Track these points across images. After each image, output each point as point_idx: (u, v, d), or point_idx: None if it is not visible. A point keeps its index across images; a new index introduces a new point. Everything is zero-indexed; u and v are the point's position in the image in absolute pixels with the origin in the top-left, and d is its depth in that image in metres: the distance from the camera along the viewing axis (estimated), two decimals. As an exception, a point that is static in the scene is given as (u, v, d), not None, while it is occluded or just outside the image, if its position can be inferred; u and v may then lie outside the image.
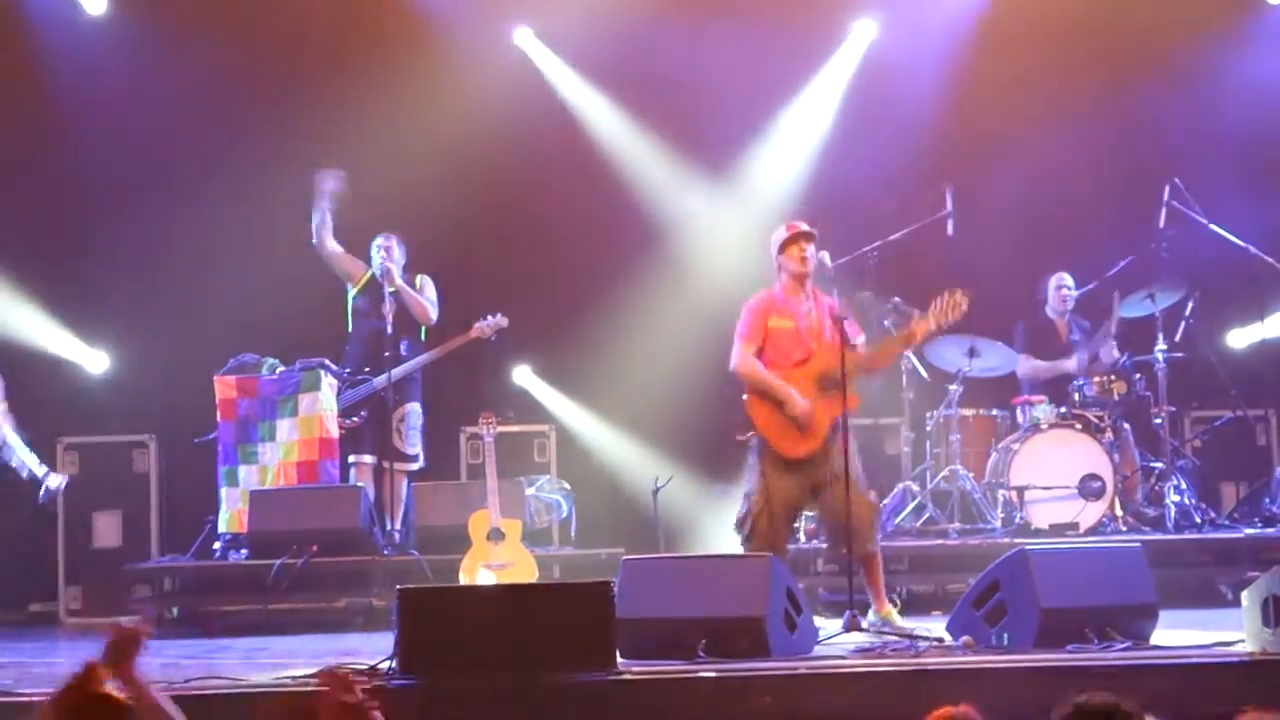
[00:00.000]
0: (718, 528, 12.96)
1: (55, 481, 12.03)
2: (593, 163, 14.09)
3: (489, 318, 12.59)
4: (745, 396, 10.12)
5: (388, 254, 12.51)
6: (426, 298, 12.64)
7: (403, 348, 12.47)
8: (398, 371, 12.34)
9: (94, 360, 13.72)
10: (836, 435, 9.86)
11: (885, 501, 12.53)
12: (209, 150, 13.60)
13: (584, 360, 13.80)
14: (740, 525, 10.05)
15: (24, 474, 11.81)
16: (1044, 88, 13.96)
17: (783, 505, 10.00)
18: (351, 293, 12.75)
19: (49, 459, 13.04)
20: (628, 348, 13.82)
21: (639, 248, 13.99)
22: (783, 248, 10.14)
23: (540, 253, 14.16)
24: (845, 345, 9.74)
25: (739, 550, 9.99)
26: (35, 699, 7.49)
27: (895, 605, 10.19)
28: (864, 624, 9.61)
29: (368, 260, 12.66)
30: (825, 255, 10.16)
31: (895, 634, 9.50)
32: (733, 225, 13.97)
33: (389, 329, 12.24)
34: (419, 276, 12.71)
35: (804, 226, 10.23)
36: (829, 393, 9.88)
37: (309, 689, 4.59)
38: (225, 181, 13.37)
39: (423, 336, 12.69)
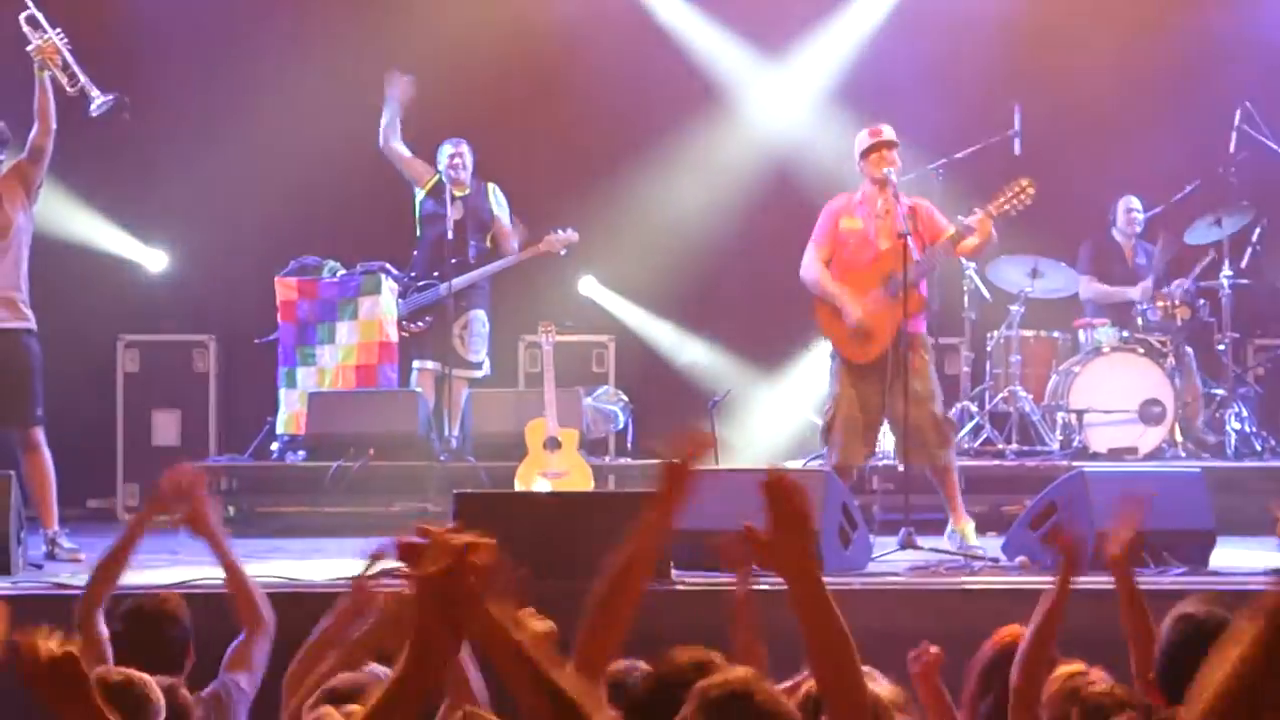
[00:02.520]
0: (776, 441, 12.99)
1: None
2: (652, 55, 13.88)
3: (560, 231, 12.53)
4: (814, 303, 10.15)
5: (460, 161, 12.46)
6: (501, 207, 12.58)
7: (470, 253, 12.44)
8: (459, 281, 12.32)
9: (153, 259, 13.73)
10: (911, 344, 9.88)
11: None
12: (273, 49, 13.54)
13: (646, 265, 13.70)
14: (823, 434, 10.10)
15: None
16: (1116, 4, 13.80)
17: (858, 412, 10.02)
18: (419, 196, 12.68)
19: (109, 355, 13.10)
20: (688, 251, 13.68)
21: (701, 145, 13.84)
22: (865, 154, 10.12)
23: (602, 158, 14.04)
24: (907, 253, 9.70)
25: (804, 462, 10.02)
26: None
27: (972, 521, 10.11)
28: (919, 542, 9.60)
29: (435, 163, 12.60)
30: (894, 156, 10.13)
31: (950, 553, 9.49)
32: (793, 121, 13.82)
33: (450, 234, 12.23)
34: (489, 185, 12.65)
35: (887, 134, 10.19)
36: (896, 295, 9.86)
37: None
38: (291, 81, 13.31)
39: (487, 243, 12.65)
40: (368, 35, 13.48)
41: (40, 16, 10.21)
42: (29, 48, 10.10)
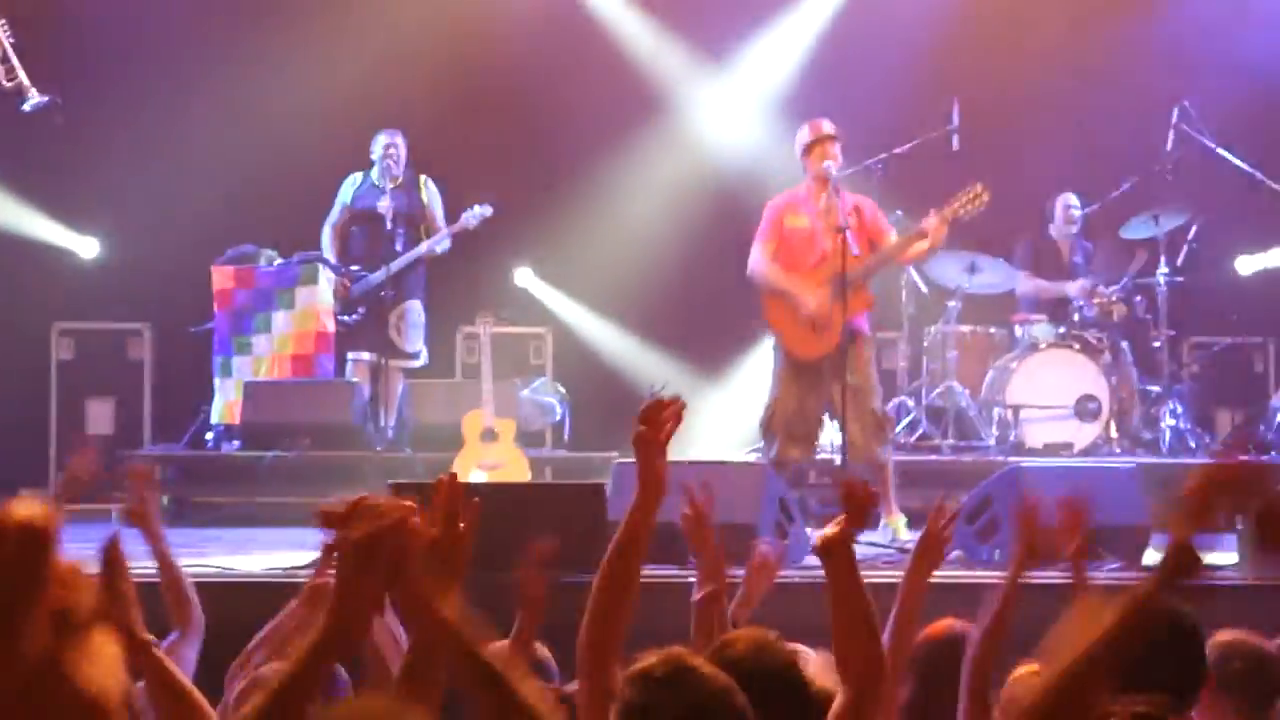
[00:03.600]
0: (713, 434, 12.98)
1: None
2: (594, 57, 13.93)
3: (474, 208, 12.46)
4: (761, 299, 10.16)
5: (394, 151, 12.40)
6: (432, 198, 12.52)
7: (400, 244, 12.38)
8: (395, 265, 12.26)
9: (84, 246, 13.62)
10: (854, 341, 9.93)
11: (879, 415, 12.54)
12: (209, 35, 13.48)
13: (585, 262, 13.73)
14: (762, 428, 10.11)
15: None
16: (1056, 0, 13.87)
17: (798, 408, 10.05)
18: (351, 189, 12.62)
19: (43, 344, 13.01)
20: (629, 248, 13.72)
21: (642, 146, 13.87)
22: (807, 149, 10.13)
23: (543, 152, 14.05)
24: (845, 248, 9.73)
25: (739, 456, 10.03)
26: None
27: (904, 518, 10.17)
28: (859, 537, 9.60)
29: (369, 153, 12.53)
30: (835, 150, 10.17)
31: (884, 546, 9.51)
32: (736, 123, 13.86)
33: (387, 225, 12.20)
34: (421, 177, 12.61)
35: (828, 129, 10.21)
36: (840, 299, 9.87)
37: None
38: (228, 67, 13.24)
39: (420, 234, 12.61)
40: (305, 21, 13.41)
41: None
42: None
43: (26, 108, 10.28)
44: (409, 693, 3.12)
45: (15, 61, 10.11)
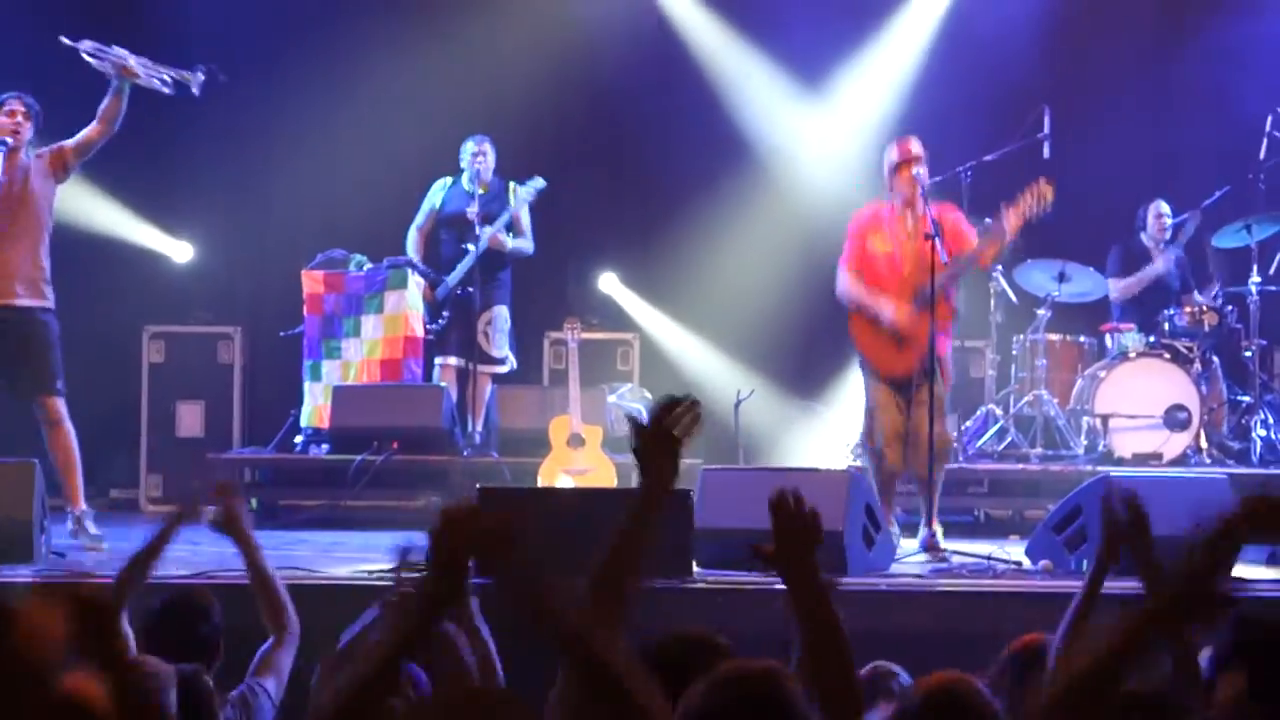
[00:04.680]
0: (798, 442, 12.97)
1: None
2: (687, 73, 13.99)
3: (526, 182, 12.39)
4: (849, 318, 10.18)
5: (483, 158, 12.41)
6: (520, 204, 12.50)
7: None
8: (454, 275, 12.25)
9: (178, 250, 13.74)
10: (940, 361, 9.97)
11: (967, 424, 12.50)
12: (304, 44, 13.55)
13: (671, 270, 13.76)
14: (864, 441, 10.19)
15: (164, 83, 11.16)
16: (1146, 10, 13.78)
17: (898, 419, 10.03)
18: (440, 195, 12.64)
19: (135, 347, 13.12)
20: (716, 259, 13.77)
21: (730, 159, 13.91)
22: (896, 169, 10.10)
23: (630, 161, 14.09)
24: (934, 256, 9.69)
25: (829, 464, 10.03)
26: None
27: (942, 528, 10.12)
28: (941, 545, 9.59)
29: (458, 159, 12.56)
30: (922, 170, 10.14)
31: (973, 555, 9.48)
32: (824, 140, 13.88)
33: (476, 229, 12.22)
34: (510, 183, 12.61)
35: (915, 149, 10.17)
36: (927, 309, 9.84)
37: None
38: (321, 75, 13.33)
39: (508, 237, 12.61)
40: (400, 29, 13.49)
41: (93, 45, 10.18)
42: (101, 67, 10.07)
43: (196, 92, 10.39)
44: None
45: (160, 72, 10.22)
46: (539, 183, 12.32)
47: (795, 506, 3.64)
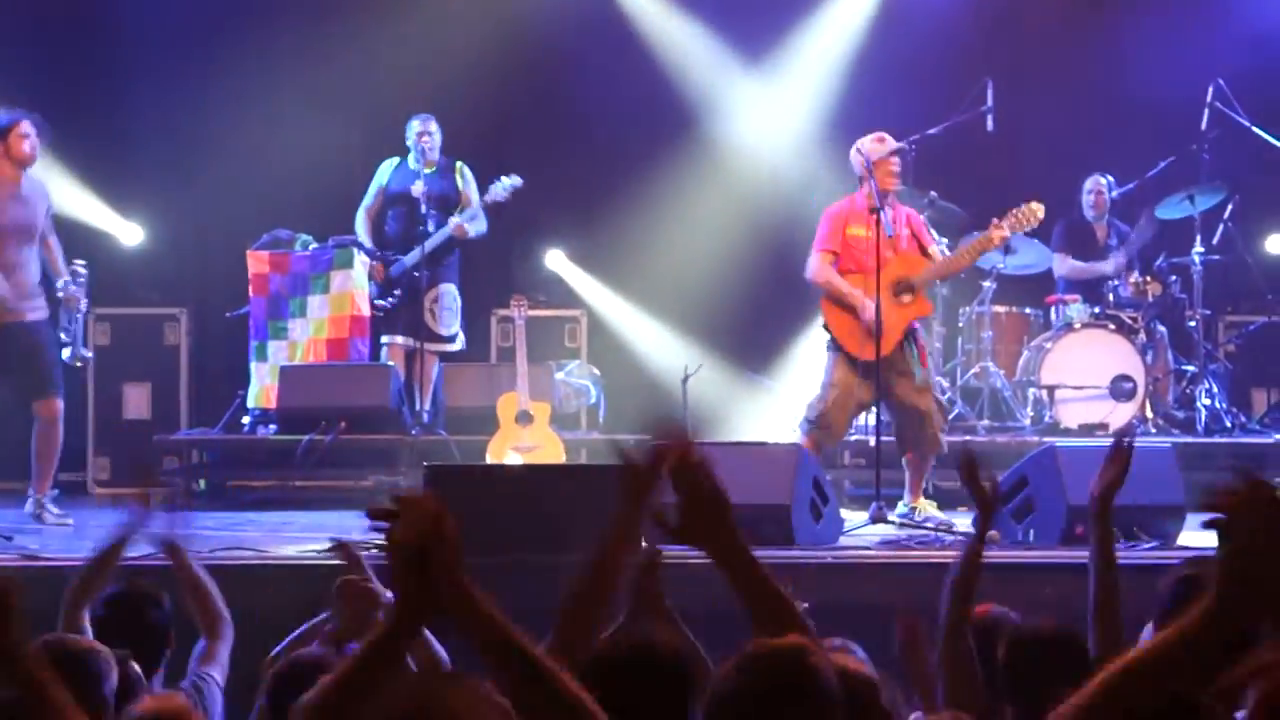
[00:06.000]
0: (746, 417, 12.99)
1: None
2: (631, 48, 13.94)
3: (502, 179, 12.39)
4: (822, 303, 10.34)
5: (428, 138, 12.38)
6: (468, 183, 12.49)
7: (435, 228, 12.35)
8: (412, 256, 12.25)
9: (128, 232, 13.66)
10: (908, 340, 10.15)
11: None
12: (252, 26, 13.51)
13: (617, 246, 13.73)
14: (812, 413, 10.15)
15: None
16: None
17: (855, 403, 10.24)
18: (386, 174, 12.62)
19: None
20: (662, 234, 13.74)
21: (675, 134, 13.88)
22: (878, 164, 10.20)
23: (576, 138, 14.06)
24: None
25: (777, 438, 10.08)
26: (61, 564, 7.57)
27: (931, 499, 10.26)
28: (890, 517, 9.64)
29: (403, 138, 12.53)
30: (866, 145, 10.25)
31: (920, 527, 9.52)
32: (768, 115, 13.87)
33: (421, 208, 12.20)
34: (457, 162, 12.58)
35: (892, 143, 10.34)
36: (901, 298, 10.04)
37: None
38: (268, 56, 13.28)
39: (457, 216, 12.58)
40: (342, 10, 13.44)
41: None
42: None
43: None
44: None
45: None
46: (515, 180, 12.31)
47: (689, 464, 3.49)
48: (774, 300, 13.03)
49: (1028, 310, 12.90)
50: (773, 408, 12.91)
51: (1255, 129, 12.66)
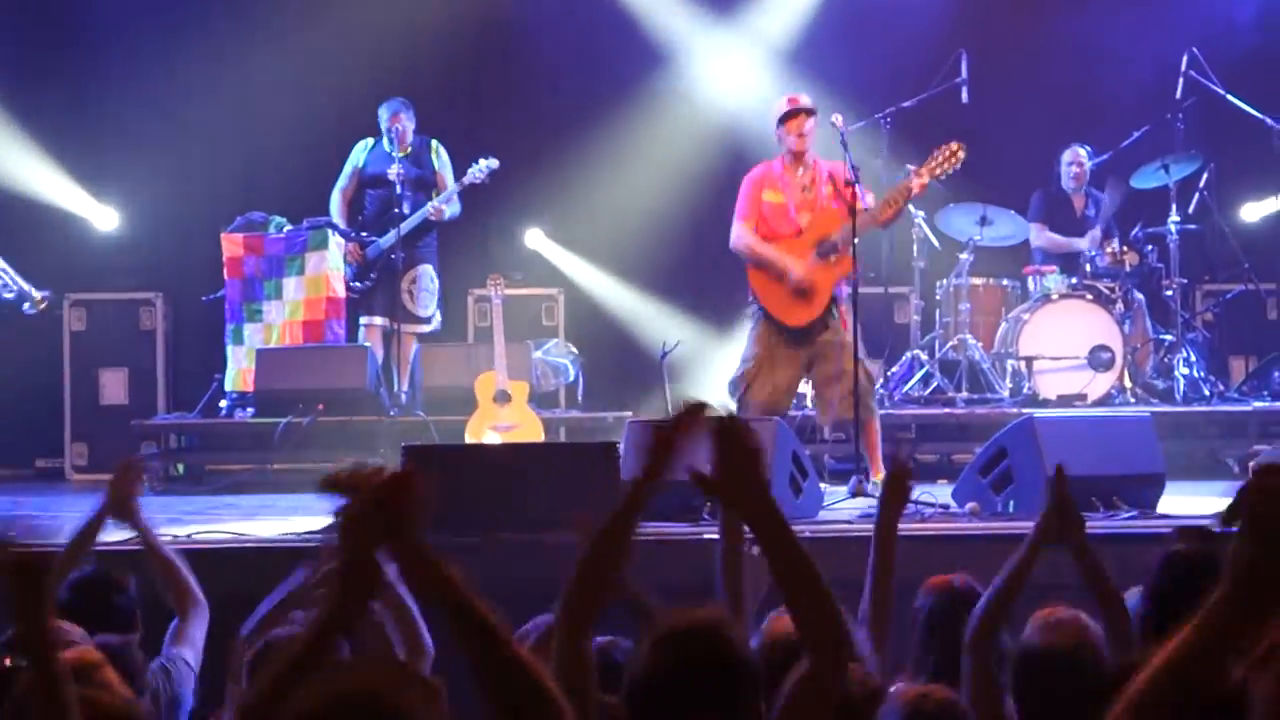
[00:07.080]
0: (724, 392, 12.97)
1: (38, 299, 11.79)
2: (603, 24, 13.87)
3: (479, 162, 12.38)
4: (747, 271, 10.29)
5: (399, 125, 12.35)
6: (443, 164, 12.48)
7: (411, 210, 12.32)
8: (387, 239, 12.23)
9: (103, 217, 13.61)
10: (836, 305, 10.08)
11: (893, 370, 12.53)
12: (226, 10, 13.50)
13: (595, 219, 13.69)
14: (734, 387, 10.15)
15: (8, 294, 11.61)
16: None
17: (783, 373, 10.19)
18: (361, 157, 12.59)
19: (55, 315, 13.01)
20: (640, 210, 13.70)
21: (651, 109, 13.83)
22: (781, 121, 10.18)
23: (551, 115, 14.02)
24: (852, 210, 9.79)
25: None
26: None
27: None
28: (869, 490, 9.62)
29: (376, 121, 12.50)
30: (838, 117, 10.19)
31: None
32: (744, 86, 13.83)
33: (397, 190, 12.18)
34: (432, 142, 12.56)
35: (804, 102, 10.26)
36: (828, 259, 10.00)
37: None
38: (241, 39, 13.25)
39: (432, 199, 12.55)
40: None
41: None
42: None
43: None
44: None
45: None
46: (492, 162, 12.29)
47: (741, 432, 3.44)
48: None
49: (1005, 282, 12.88)
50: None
51: (1230, 97, 12.66)
